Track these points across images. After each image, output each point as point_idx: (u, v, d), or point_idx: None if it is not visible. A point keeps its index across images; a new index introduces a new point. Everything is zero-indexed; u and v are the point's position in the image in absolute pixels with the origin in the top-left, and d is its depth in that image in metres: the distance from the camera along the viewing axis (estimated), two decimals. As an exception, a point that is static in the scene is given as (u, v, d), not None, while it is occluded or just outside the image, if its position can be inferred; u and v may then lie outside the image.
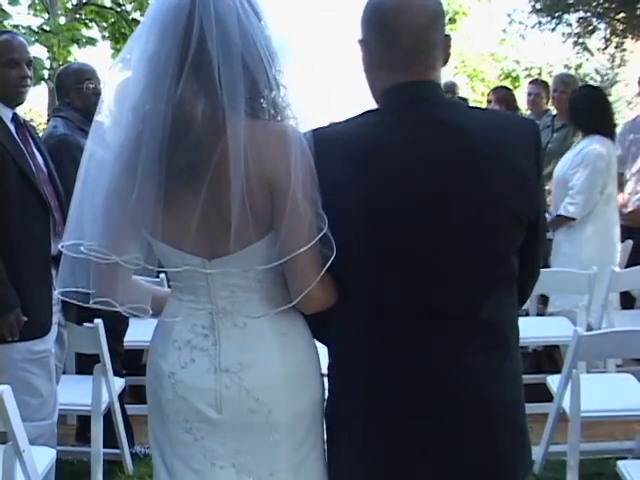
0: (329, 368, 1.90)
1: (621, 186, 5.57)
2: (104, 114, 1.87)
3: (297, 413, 1.84)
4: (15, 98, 3.19)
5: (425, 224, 1.68)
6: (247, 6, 1.66)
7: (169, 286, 2.01)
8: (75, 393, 3.60)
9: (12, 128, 3.13)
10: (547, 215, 5.11)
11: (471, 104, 8.12)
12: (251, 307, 1.80)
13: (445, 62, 1.80)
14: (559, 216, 4.76)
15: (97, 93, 3.98)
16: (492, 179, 1.70)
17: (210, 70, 1.59)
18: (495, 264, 1.75)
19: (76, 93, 3.91)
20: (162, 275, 3.26)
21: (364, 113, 1.79)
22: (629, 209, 5.47)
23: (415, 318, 1.73)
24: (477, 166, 1.69)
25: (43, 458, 2.89)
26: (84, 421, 3.88)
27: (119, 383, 3.82)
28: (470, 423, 1.76)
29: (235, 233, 1.67)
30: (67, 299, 1.87)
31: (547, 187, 5.35)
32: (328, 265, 1.69)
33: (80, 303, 1.84)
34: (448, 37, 1.79)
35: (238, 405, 1.79)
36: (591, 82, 18.36)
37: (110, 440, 3.66)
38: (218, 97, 1.61)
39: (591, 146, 4.70)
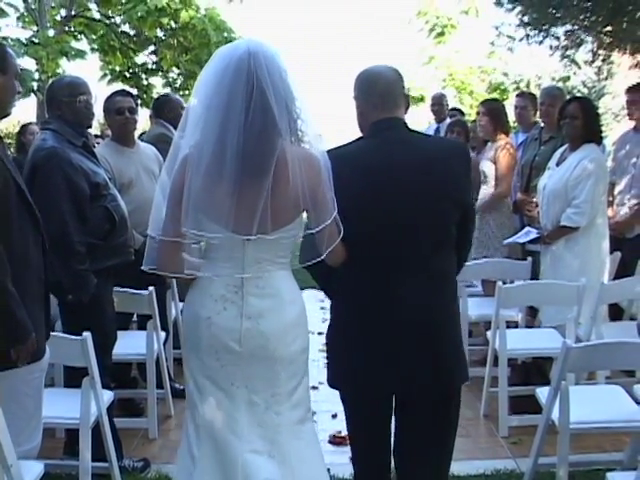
0: (332, 305, 2.91)
1: (611, 197, 5.59)
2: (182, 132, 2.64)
3: (293, 352, 2.67)
4: (9, 109, 3.10)
5: (398, 207, 2.67)
6: (280, 63, 2.53)
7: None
8: (63, 406, 3.57)
9: None
10: (534, 228, 5.12)
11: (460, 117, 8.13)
12: (269, 275, 2.62)
13: (406, 110, 2.86)
14: (563, 227, 4.77)
15: (89, 107, 3.97)
16: (439, 178, 2.72)
17: (269, 106, 2.46)
18: (441, 231, 2.75)
19: (68, 106, 3.89)
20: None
21: (358, 139, 2.85)
22: (615, 219, 5.49)
23: (390, 264, 2.71)
24: (429, 170, 2.72)
25: (31, 472, 2.88)
26: (72, 435, 3.85)
27: (108, 396, 3.79)
28: (423, 335, 2.70)
29: (277, 217, 2.53)
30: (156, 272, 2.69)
31: (535, 199, 5.36)
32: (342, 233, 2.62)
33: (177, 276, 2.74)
34: (408, 96, 2.94)
35: (253, 342, 2.60)
36: (579, 95, 18.47)
37: (98, 454, 3.64)
38: (275, 125, 2.47)
39: (592, 155, 4.73)
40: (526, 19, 9.35)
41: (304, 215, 2.68)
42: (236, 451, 2.59)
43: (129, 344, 4.49)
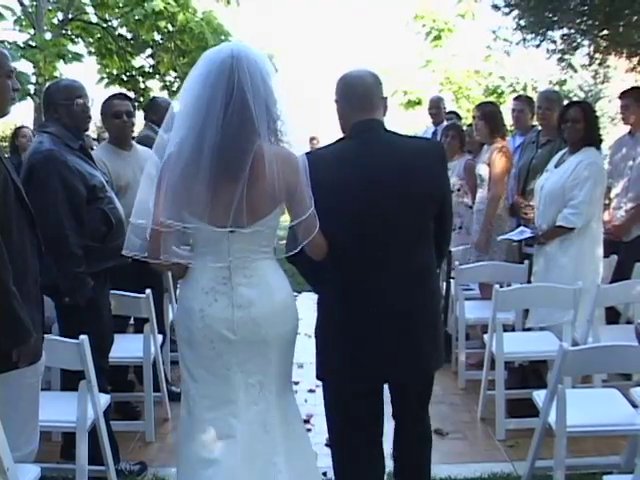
0: (319, 301, 3.04)
1: (608, 200, 5.58)
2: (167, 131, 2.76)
3: (282, 334, 2.85)
4: (7, 109, 3.06)
5: (379, 206, 2.81)
6: (263, 66, 2.67)
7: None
8: (60, 410, 3.57)
9: None
10: (528, 229, 5.12)
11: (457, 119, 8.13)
12: (255, 264, 2.76)
13: (384, 113, 3.02)
14: (558, 227, 4.76)
15: (86, 110, 3.96)
16: (416, 175, 2.88)
17: (248, 105, 2.60)
18: (420, 227, 2.92)
19: (65, 109, 3.88)
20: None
21: (339, 140, 3.01)
22: (613, 223, 5.49)
23: (371, 262, 2.86)
24: (408, 168, 2.87)
25: (27, 476, 2.87)
26: (69, 438, 3.85)
27: (104, 399, 3.79)
28: (404, 330, 2.88)
29: (254, 211, 2.67)
30: (135, 258, 2.88)
31: (531, 203, 5.36)
32: (320, 230, 2.76)
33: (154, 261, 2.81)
34: (385, 98, 3.04)
35: (246, 329, 2.75)
36: (575, 98, 18.50)
37: (95, 457, 3.63)
38: (252, 123, 2.61)
39: (591, 159, 4.72)
40: (523, 23, 9.35)
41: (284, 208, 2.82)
42: (235, 432, 2.75)
43: (126, 347, 4.49)
